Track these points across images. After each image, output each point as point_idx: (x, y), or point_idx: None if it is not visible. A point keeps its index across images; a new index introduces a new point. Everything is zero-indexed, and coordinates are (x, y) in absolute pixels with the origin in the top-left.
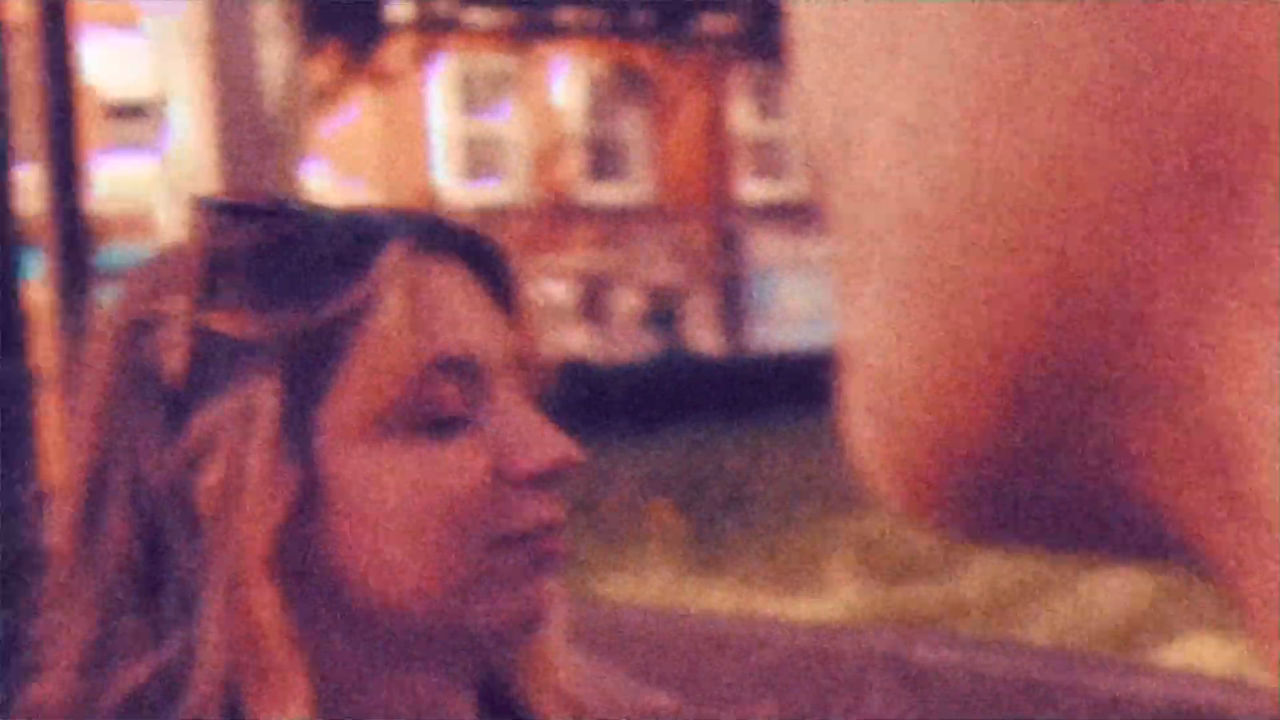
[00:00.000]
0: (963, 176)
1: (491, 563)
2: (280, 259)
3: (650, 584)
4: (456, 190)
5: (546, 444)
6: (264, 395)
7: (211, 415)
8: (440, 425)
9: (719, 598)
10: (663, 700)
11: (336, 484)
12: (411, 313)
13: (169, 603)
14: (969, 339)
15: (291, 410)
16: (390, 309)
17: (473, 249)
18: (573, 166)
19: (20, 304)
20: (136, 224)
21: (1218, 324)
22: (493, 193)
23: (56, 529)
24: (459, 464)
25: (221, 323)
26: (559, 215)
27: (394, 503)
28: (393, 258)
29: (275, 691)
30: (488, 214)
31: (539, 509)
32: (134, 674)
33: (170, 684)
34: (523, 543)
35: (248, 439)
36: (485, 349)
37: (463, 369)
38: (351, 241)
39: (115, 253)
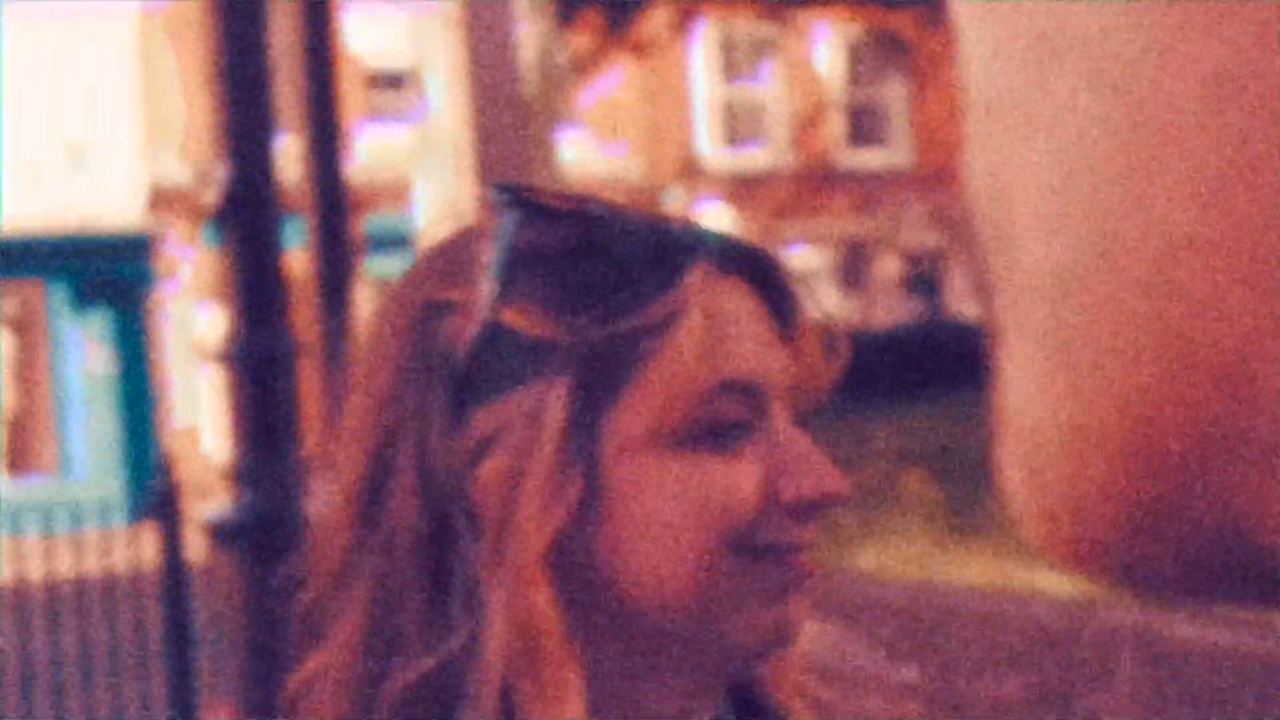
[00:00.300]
0: (1096, 248)
1: (750, 576)
2: (583, 262)
3: (903, 553)
4: (717, 155)
5: (820, 474)
6: (554, 398)
7: (498, 410)
8: (719, 439)
9: (972, 568)
10: (910, 673)
11: (615, 491)
12: (709, 334)
13: (454, 595)
14: (1101, 400)
15: (579, 415)
16: (690, 329)
17: (760, 269)
18: (833, 131)
19: (281, 273)
20: (395, 193)
21: None
22: (753, 158)
23: (335, 505)
24: (733, 481)
25: (518, 320)
26: (818, 180)
27: (668, 512)
28: (697, 277)
29: (550, 690)
30: (748, 179)
31: (800, 530)
32: (419, 665)
33: (452, 677)
34: (780, 559)
35: (534, 439)
36: (767, 371)
37: (746, 390)
38: (655, 253)
39: (374, 221)
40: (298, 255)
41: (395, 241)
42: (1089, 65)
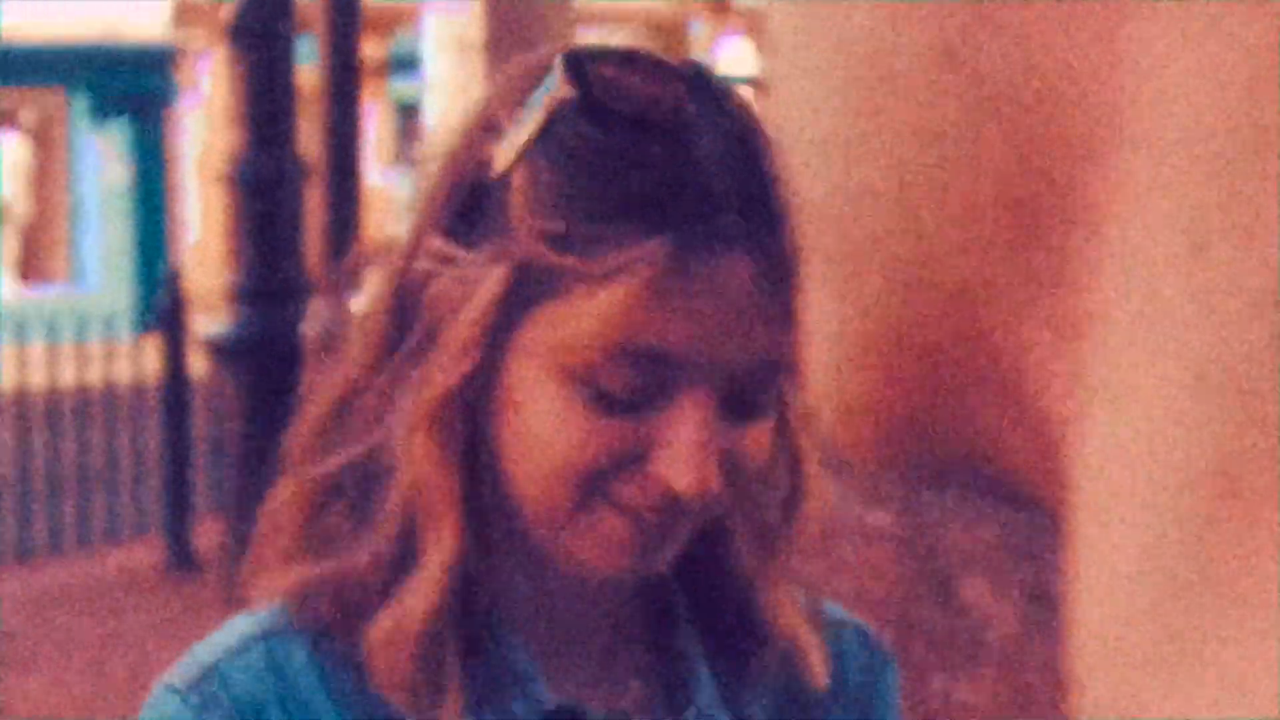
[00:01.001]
0: (848, 185)
1: (598, 517)
2: (584, 175)
3: None
4: None
5: (680, 472)
6: (497, 273)
7: (461, 251)
8: (614, 395)
9: None
10: (884, 517)
11: (508, 387)
12: (639, 300)
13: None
14: (867, 322)
15: (510, 300)
16: (619, 294)
17: (764, 244)
18: None
19: (291, 96)
20: (410, 16)
21: (1039, 332)
22: None
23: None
24: (599, 439)
25: (515, 188)
26: None
27: (538, 431)
28: (660, 247)
29: (431, 534)
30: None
31: (661, 499)
32: (344, 454)
33: (370, 475)
34: (633, 517)
35: (471, 294)
36: (692, 352)
37: (655, 362)
38: (645, 201)
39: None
40: (307, 73)
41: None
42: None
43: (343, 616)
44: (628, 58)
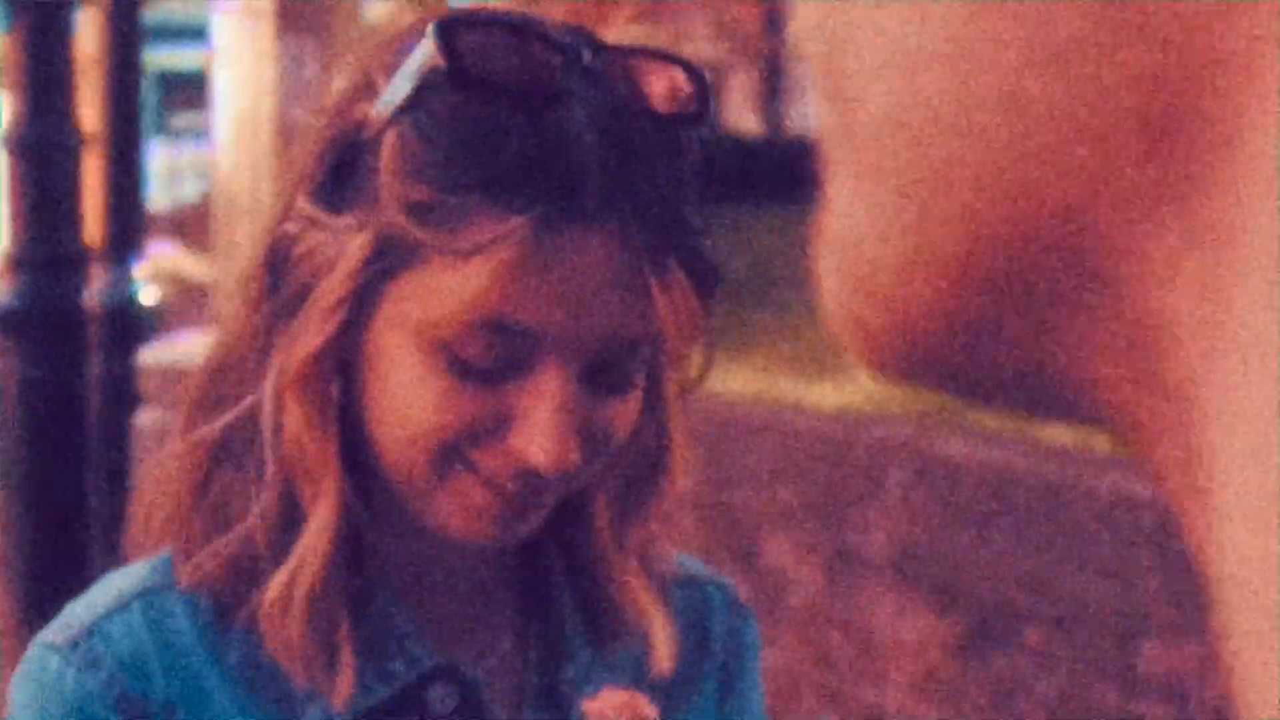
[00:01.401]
0: (945, 102)
1: (456, 486)
2: (454, 146)
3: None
4: None
5: (535, 445)
6: (363, 237)
7: (332, 213)
8: (473, 367)
9: (741, 380)
10: (682, 483)
11: (372, 354)
12: (498, 275)
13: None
14: (936, 227)
15: (375, 266)
16: (479, 270)
17: (628, 221)
18: None
19: (70, 62)
20: None
21: (1157, 240)
22: None
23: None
24: (455, 407)
25: (388, 150)
26: None
27: (400, 401)
28: (513, 229)
29: (312, 495)
30: None
31: (521, 472)
32: (221, 416)
33: (245, 436)
34: (490, 485)
35: (338, 256)
36: (552, 327)
37: (514, 334)
38: (507, 178)
39: (161, 10)
40: (85, 41)
41: (183, 33)
42: None
43: (234, 581)
44: (507, 25)
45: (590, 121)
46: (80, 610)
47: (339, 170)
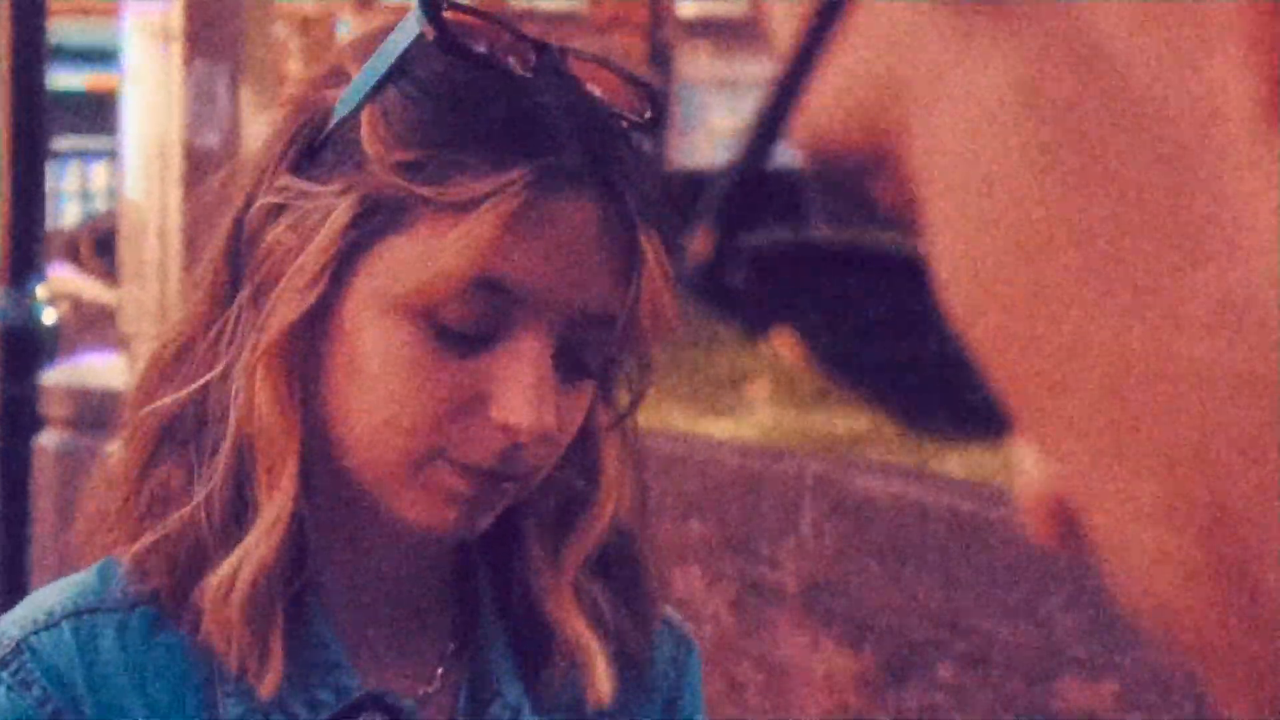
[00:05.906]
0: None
1: (429, 472)
2: (439, 109)
3: None
4: None
5: (517, 407)
6: (344, 206)
7: (305, 187)
8: (455, 337)
9: (655, 414)
10: None
11: (343, 336)
12: (490, 232)
13: (223, 345)
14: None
15: (355, 235)
16: (472, 225)
17: (612, 195)
18: None
19: None
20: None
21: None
22: None
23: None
24: (435, 380)
25: (365, 122)
26: None
27: (376, 380)
28: (511, 180)
29: (268, 482)
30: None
31: (500, 448)
32: (178, 396)
33: (201, 417)
34: (465, 470)
35: (315, 230)
36: (538, 287)
37: (499, 291)
38: (496, 138)
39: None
40: None
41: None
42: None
43: (175, 576)
44: (480, 13)
45: (566, 100)
46: (11, 628)
47: (313, 151)
